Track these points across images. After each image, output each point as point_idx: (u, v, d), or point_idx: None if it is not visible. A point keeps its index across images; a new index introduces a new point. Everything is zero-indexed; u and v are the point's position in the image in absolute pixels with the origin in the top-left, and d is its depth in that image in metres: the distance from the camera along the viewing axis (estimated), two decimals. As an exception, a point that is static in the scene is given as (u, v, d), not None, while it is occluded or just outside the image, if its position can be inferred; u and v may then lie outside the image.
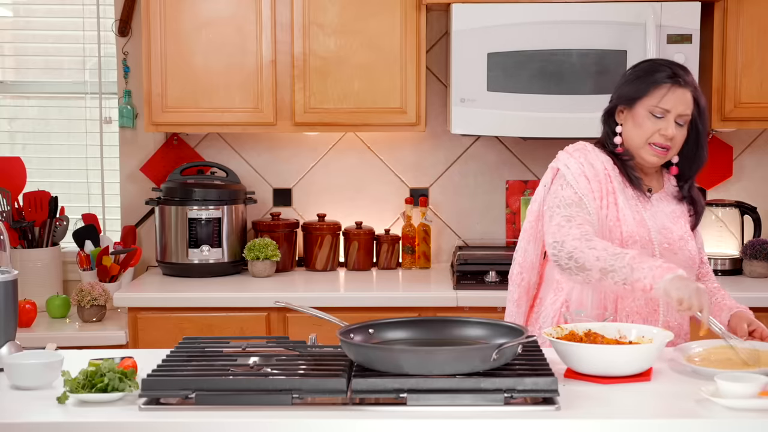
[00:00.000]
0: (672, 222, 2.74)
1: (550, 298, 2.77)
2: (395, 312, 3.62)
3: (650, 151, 2.69)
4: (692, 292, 2.34)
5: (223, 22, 3.94)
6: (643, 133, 2.68)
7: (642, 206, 2.71)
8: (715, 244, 4.07)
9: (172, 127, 4.04)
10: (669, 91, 2.66)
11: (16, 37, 4.48)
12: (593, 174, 2.68)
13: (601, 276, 2.48)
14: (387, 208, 4.35)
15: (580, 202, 2.65)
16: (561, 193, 2.68)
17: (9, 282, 2.44)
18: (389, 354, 2.15)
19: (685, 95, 2.66)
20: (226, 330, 3.71)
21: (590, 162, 2.70)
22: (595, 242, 2.52)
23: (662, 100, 2.65)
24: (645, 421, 2.03)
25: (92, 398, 2.11)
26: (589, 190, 2.66)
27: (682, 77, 2.67)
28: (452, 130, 3.84)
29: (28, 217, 4.08)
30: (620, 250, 2.49)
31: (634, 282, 2.42)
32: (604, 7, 3.74)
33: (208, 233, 4.02)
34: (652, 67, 2.71)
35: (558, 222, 2.61)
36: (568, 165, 2.70)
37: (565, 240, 2.56)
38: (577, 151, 2.74)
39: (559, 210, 2.64)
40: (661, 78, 2.67)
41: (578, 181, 2.67)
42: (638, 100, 2.68)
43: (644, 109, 2.68)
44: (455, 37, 3.77)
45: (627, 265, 2.43)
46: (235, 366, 2.24)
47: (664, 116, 2.66)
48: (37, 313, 3.85)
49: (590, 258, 2.49)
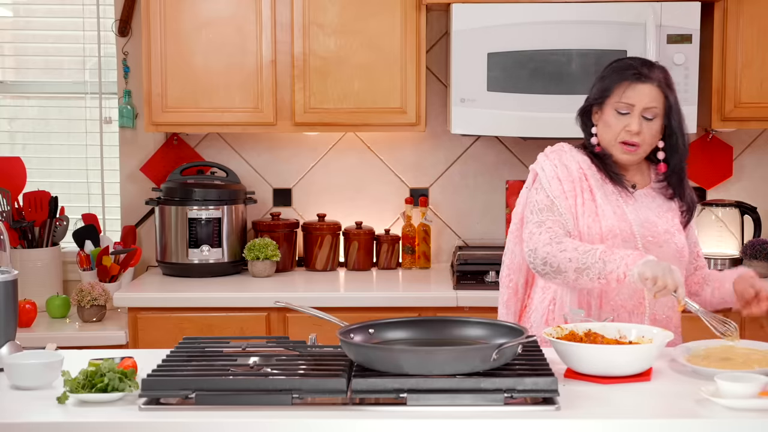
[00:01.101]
0: (657, 216, 2.75)
1: (538, 297, 2.80)
2: (395, 312, 3.62)
3: (620, 149, 2.71)
4: (665, 270, 2.39)
5: (223, 22, 3.94)
6: (612, 132, 2.71)
7: (623, 201, 2.73)
8: (715, 244, 4.07)
9: (172, 127, 4.04)
10: (629, 86, 2.68)
11: (16, 37, 4.48)
12: (566, 175, 2.72)
13: (576, 276, 2.53)
14: (387, 208, 4.35)
15: (552, 206, 2.69)
16: (535, 197, 2.73)
17: (9, 282, 2.44)
18: (389, 354, 2.15)
19: (648, 89, 2.69)
20: (226, 330, 3.71)
21: (564, 163, 2.74)
22: (565, 243, 2.57)
23: (623, 95, 2.68)
24: (645, 421, 2.03)
25: (92, 398, 2.11)
26: (561, 191, 2.70)
27: (645, 73, 2.70)
28: (452, 130, 3.84)
29: (28, 217, 4.08)
30: (590, 246, 2.53)
31: (608, 274, 2.47)
32: (604, 7, 3.74)
33: (208, 233, 4.02)
34: (618, 65, 2.75)
35: (530, 229, 2.67)
36: (543, 168, 2.75)
37: (537, 247, 2.61)
38: (554, 152, 2.78)
39: (532, 216, 2.69)
40: (624, 75, 2.70)
41: (551, 184, 2.71)
42: (606, 99, 2.72)
43: (610, 108, 2.71)
44: (455, 37, 3.77)
45: (599, 260, 2.48)
46: (235, 366, 2.24)
47: (630, 111, 2.69)
48: (37, 313, 3.85)
49: (563, 260, 2.54)
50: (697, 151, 4.25)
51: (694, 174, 4.26)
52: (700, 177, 4.27)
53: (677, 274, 2.41)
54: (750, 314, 2.69)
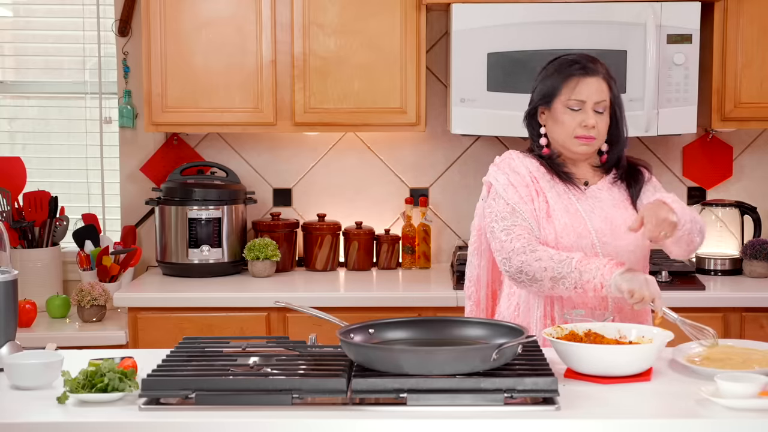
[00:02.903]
0: (613, 209, 2.74)
1: (504, 304, 2.83)
2: (395, 312, 3.62)
3: (578, 142, 2.71)
4: (642, 283, 2.42)
5: (223, 22, 3.94)
6: (566, 129, 2.71)
7: (576, 199, 2.73)
8: (715, 244, 4.07)
9: (172, 127, 4.04)
10: (579, 82, 2.69)
11: (16, 37, 4.48)
12: (519, 180, 2.72)
13: (552, 284, 2.55)
14: (387, 208, 4.34)
15: (514, 212, 2.69)
16: (495, 206, 2.73)
17: (9, 282, 2.44)
18: (389, 354, 2.15)
19: (596, 83, 2.70)
20: (226, 330, 3.71)
21: (515, 170, 2.75)
22: (539, 252, 2.58)
23: (574, 92, 2.69)
24: (645, 421, 2.03)
25: (92, 398, 2.11)
26: (519, 197, 2.70)
27: (590, 67, 2.71)
28: (452, 130, 3.84)
29: (28, 217, 4.08)
30: (566, 255, 2.54)
31: (585, 284, 2.49)
32: (604, 7, 3.74)
33: (208, 233, 4.02)
34: (560, 63, 2.76)
35: (499, 238, 2.67)
36: (497, 178, 2.76)
37: (511, 256, 2.62)
38: (503, 161, 2.79)
39: (497, 224, 2.69)
40: (571, 71, 2.71)
41: (507, 191, 2.72)
42: (554, 97, 2.72)
43: (561, 105, 2.71)
44: (455, 37, 3.77)
45: (575, 270, 2.50)
46: (235, 366, 2.24)
47: (581, 107, 2.69)
48: (37, 313, 3.85)
49: (538, 269, 2.56)
50: (697, 151, 4.25)
51: (694, 174, 4.26)
52: (700, 177, 4.27)
53: (653, 285, 2.43)
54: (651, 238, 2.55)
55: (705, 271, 3.99)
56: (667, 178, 4.23)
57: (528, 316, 2.73)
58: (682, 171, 4.28)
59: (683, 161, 4.27)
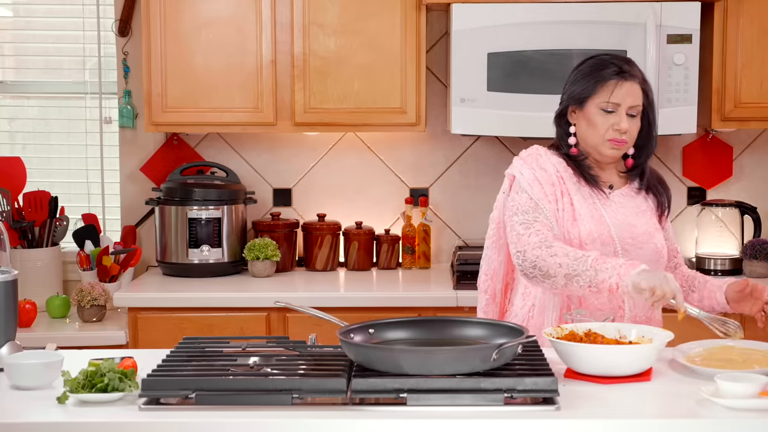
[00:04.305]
0: (636, 217, 2.73)
1: (519, 303, 2.79)
2: (395, 312, 3.62)
3: (609, 145, 2.69)
4: (661, 280, 2.37)
5: (223, 22, 3.94)
6: (598, 131, 2.68)
7: (601, 203, 2.71)
8: (715, 244, 4.07)
9: (172, 127, 4.04)
10: (617, 86, 2.67)
11: (16, 37, 4.48)
12: (545, 177, 2.70)
13: (566, 282, 2.50)
14: (387, 208, 4.35)
15: (537, 207, 2.66)
16: (517, 199, 2.70)
17: (9, 282, 2.44)
18: (389, 354, 2.15)
19: (633, 87, 2.68)
20: (226, 330, 3.71)
21: (542, 166, 2.72)
22: (556, 248, 2.54)
23: (611, 95, 2.67)
24: (645, 421, 2.03)
25: (92, 398, 2.11)
26: (544, 194, 2.68)
27: (628, 71, 2.69)
28: (452, 130, 3.84)
29: (28, 217, 4.08)
30: (581, 253, 2.50)
31: (600, 283, 2.44)
32: (604, 7, 3.74)
33: (208, 233, 4.02)
34: (597, 64, 2.72)
35: (517, 231, 2.63)
36: (522, 171, 2.72)
37: (526, 249, 2.58)
38: (530, 156, 2.75)
39: (517, 217, 2.66)
40: (608, 74, 2.68)
41: (532, 187, 2.68)
42: (588, 98, 2.69)
43: (595, 107, 2.69)
44: (455, 37, 3.77)
45: (590, 268, 2.46)
46: (235, 366, 2.24)
47: (616, 110, 2.67)
48: (37, 313, 3.85)
49: (553, 265, 2.51)
50: (697, 151, 4.25)
51: (694, 174, 4.26)
52: (700, 177, 4.27)
53: (673, 281, 2.39)
54: (742, 312, 2.67)
55: (705, 271, 3.99)
56: (667, 178, 4.18)
57: (542, 318, 2.70)
58: (682, 171, 4.28)
59: (683, 161, 4.28)
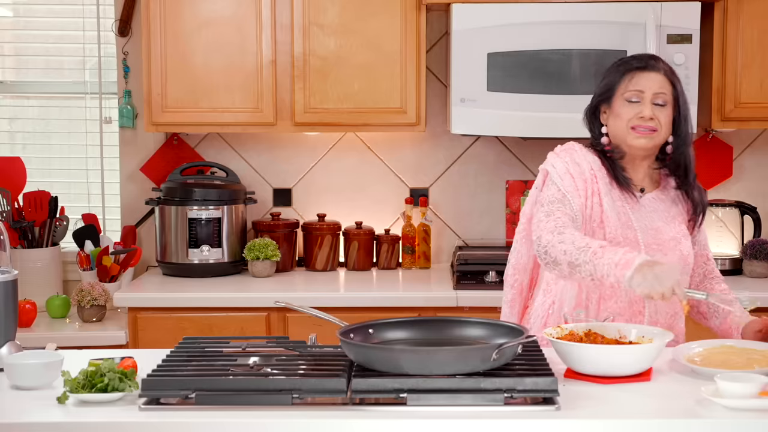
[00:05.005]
0: (664, 222, 2.72)
1: (539, 300, 2.78)
2: (395, 312, 3.62)
3: (634, 134, 2.67)
4: (652, 283, 2.34)
5: (223, 22, 3.94)
6: (623, 120, 2.68)
7: (629, 207, 2.69)
8: (715, 244, 4.07)
9: (172, 127, 4.04)
10: (636, 74, 2.68)
11: (16, 37, 4.48)
12: (578, 172, 2.68)
13: (570, 270, 2.49)
14: (387, 208, 4.35)
15: (563, 199, 2.65)
16: (546, 192, 2.69)
17: (9, 282, 2.44)
18: (389, 354, 2.15)
19: (655, 76, 2.68)
20: (226, 330, 3.71)
21: (576, 161, 2.71)
22: (565, 235, 2.53)
23: (631, 83, 2.67)
24: (645, 421, 2.03)
25: (92, 398, 2.11)
26: (574, 188, 2.66)
27: (650, 63, 2.69)
28: (452, 130, 3.84)
29: (28, 217, 4.08)
30: (585, 243, 2.48)
31: (600, 277, 2.43)
32: (604, 7, 3.74)
33: (208, 233, 4.02)
34: (620, 61, 2.75)
35: (538, 218, 2.63)
36: (554, 165, 2.72)
37: (542, 235, 2.57)
38: (564, 151, 2.75)
39: (542, 207, 2.66)
40: (630, 66, 2.70)
41: (563, 179, 2.68)
42: (613, 92, 2.70)
43: (620, 99, 2.69)
44: (455, 37, 3.77)
45: (589, 261, 2.44)
46: (235, 366, 2.24)
47: (640, 99, 2.66)
48: (37, 313, 3.85)
49: (559, 252, 2.51)
50: (697, 151, 4.22)
51: (694, 174, 4.26)
52: (700, 177, 4.22)
53: (666, 277, 2.34)
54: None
55: (705, 271, 3.99)
56: (667, 178, 4.23)
57: (560, 315, 2.69)
58: (682, 171, 4.28)
59: (683, 161, 4.27)
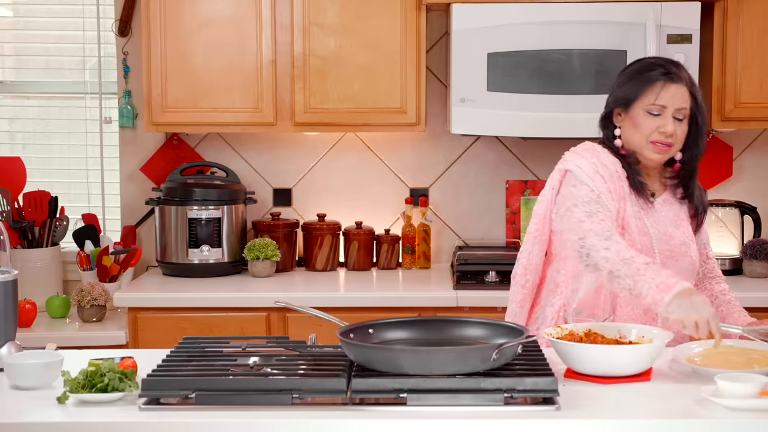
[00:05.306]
0: (674, 227, 2.71)
1: (549, 301, 2.76)
2: (395, 312, 3.62)
3: (652, 148, 2.66)
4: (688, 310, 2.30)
5: (223, 22, 3.94)
6: (643, 133, 2.65)
7: (645, 213, 2.68)
8: (715, 244, 4.06)
9: (172, 127, 4.04)
10: (663, 87, 2.64)
11: (16, 37, 4.48)
12: (608, 174, 2.64)
13: (609, 279, 2.46)
14: (387, 208, 4.35)
15: (599, 199, 2.60)
16: (576, 192, 2.63)
17: (9, 282, 2.44)
18: (389, 354, 2.15)
19: (680, 90, 2.64)
20: (226, 330, 3.71)
21: (603, 162, 2.66)
22: (612, 242, 2.48)
23: (657, 97, 2.64)
24: (645, 421, 2.03)
25: (92, 398, 2.11)
26: (607, 189, 2.62)
27: (675, 73, 2.65)
28: (452, 130, 3.84)
29: (28, 217, 4.08)
30: (630, 255, 2.44)
31: (638, 295, 2.40)
32: (604, 7, 3.74)
33: (208, 233, 4.02)
34: (644, 67, 2.70)
35: (579, 218, 2.56)
36: (580, 165, 2.66)
37: (587, 236, 2.52)
38: (587, 151, 2.70)
39: (579, 207, 2.59)
40: (654, 76, 2.65)
41: (594, 180, 2.62)
42: (634, 101, 2.66)
43: (641, 109, 2.66)
44: (455, 37, 3.77)
45: (631, 275, 2.40)
46: (235, 366, 2.24)
47: (662, 113, 2.64)
48: (37, 313, 3.85)
49: (602, 259, 2.46)
50: (697, 151, 4.25)
51: (694, 174, 4.26)
52: (700, 177, 4.22)
53: (703, 307, 2.30)
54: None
55: (705, 271, 3.99)
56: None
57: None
58: (682, 171, 4.28)
59: (683, 161, 4.27)
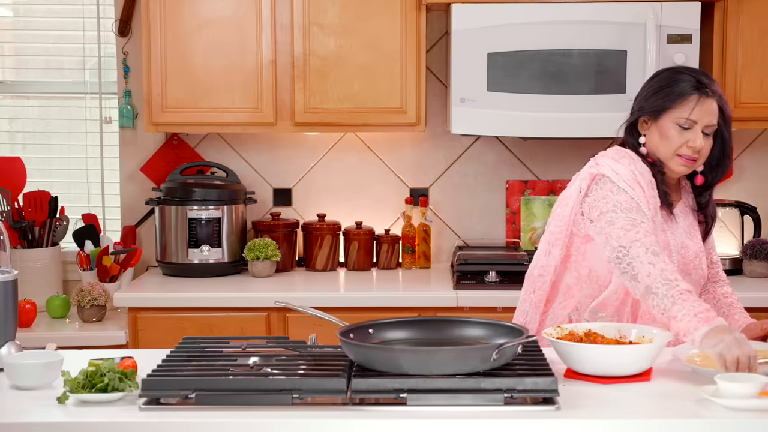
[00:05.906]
0: (689, 238, 2.70)
1: (560, 303, 2.75)
2: (395, 312, 3.62)
3: (679, 161, 2.62)
4: (729, 346, 2.23)
5: (223, 22, 3.94)
6: (671, 145, 2.61)
7: (666, 225, 2.66)
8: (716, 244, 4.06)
9: (172, 127, 4.04)
10: (698, 102, 2.59)
11: (16, 37, 4.48)
12: (645, 183, 2.60)
13: (644, 293, 2.42)
14: (387, 208, 4.34)
15: (639, 208, 2.56)
16: (614, 198, 2.57)
17: (9, 282, 2.44)
18: (389, 354, 2.15)
19: (712, 105, 2.60)
20: (226, 330, 3.71)
21: (639, 171, 2.61)
22: (659, 258, 2.43)
23: (692, 112, 2.59)
24: (645, 421, 2.03)
25: (92, 398, 2.11)
26: (645, 198, 2.58)
27: (709, 86, 2.61)
28: (452, 130, 3.83)
29: (28, 217, 4.08)
30: (675, 278, 2.39)
31: (671, 318, 2.34)
32: (604, 7, 3.74)
33: (208, 233, 4.02)
34: (675, 77, 2.64)
35: (622, 225, 2.52)
36: (617, 171, 2.60)
37: (632, 246, 2.47)
38: (624, 157, 2.64)
39: (621, 213, 2.54)
40: (688, 89, 2.60)
41: (633, 188, 2.58)
42: (664, 111, 2.62)
43: (671, 121, 2.61)
44: (455, 37, 3.77)
45: (670, 297, 2.35)
46: (235, 366, 2.24)
47: (692, 127, 2.60)
48: (37, 313, 3.85)
49: (643, 272, 2.42)
50: (697, 151, 4.25)
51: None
52: (700, 177, 4.26)
53: (745, 344, 2.24)
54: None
55: (705, 271, 3.99)
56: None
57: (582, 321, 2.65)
58: (682, 171, 4.28)
59: (683, 161, 4.27)
